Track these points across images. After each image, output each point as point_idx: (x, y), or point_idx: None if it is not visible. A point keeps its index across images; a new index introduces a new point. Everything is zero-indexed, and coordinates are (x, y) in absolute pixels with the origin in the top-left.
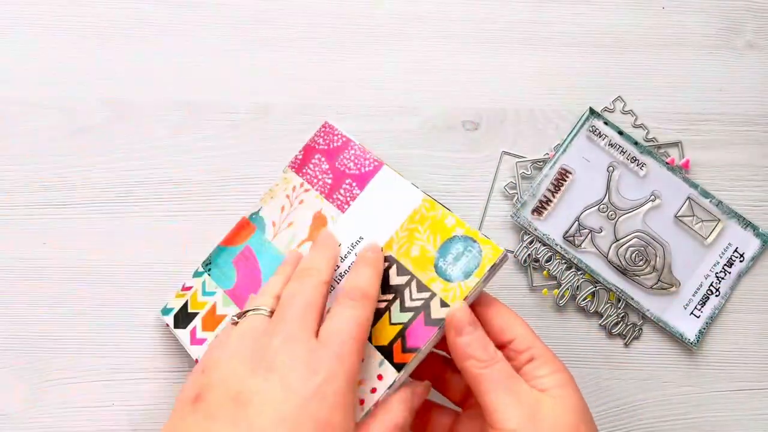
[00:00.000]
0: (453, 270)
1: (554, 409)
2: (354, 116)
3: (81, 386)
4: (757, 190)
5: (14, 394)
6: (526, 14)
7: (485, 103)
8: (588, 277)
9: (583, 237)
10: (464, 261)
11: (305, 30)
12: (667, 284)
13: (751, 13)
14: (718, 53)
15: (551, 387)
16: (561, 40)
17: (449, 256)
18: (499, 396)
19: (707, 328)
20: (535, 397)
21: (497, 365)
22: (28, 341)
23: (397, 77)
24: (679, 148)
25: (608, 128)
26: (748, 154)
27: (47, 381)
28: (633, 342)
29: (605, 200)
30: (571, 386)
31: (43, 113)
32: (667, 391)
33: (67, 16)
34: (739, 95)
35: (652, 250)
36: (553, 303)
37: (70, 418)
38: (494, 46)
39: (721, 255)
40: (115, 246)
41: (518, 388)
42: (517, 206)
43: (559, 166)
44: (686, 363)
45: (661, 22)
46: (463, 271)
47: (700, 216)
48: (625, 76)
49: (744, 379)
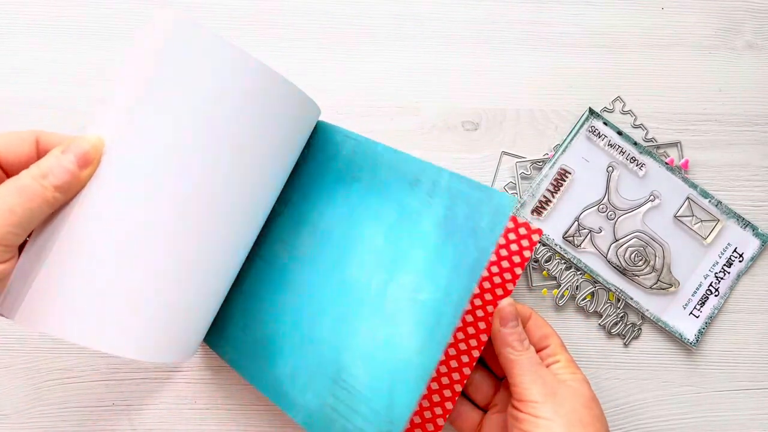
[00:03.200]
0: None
1: (570, 392)
2: (354, 116)
3: (81, 386)
4: (757, 190)
5: (15, 393)
6: (526, 14)
7: (485, 103)
8: (587, 277)
9: (583, 237)
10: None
11: (305, 30)
12: (667, 284)
13: (750, 13)
14: (717, 53)
15: (569, 380)
16: (561, 40)
17: None
18: (527, 377)
19: (706, 327)
20: (556, 381)
21: (528, 353)
22: (28, 341)
23: (396, 77)
24: (679, 148)
25: (608, 128)
26: (748, 155)
27: (47, 381)
28: (632, 342)
29: (605, 200)
30: (586, 383)
31: (44, 113)
32: (667, 391)
33: (66, 17)
34: (738, 95)
35: (651, 250)
36: (552, 303)
37: (70, 417)
38: (494, 46)
39: (720, 255)
40: None
41: (543, 373)
42: (517, 206)
43: (559, 166)
44: (685, 363)
45: (660, 23)
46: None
47: (700, 216)
48: (624, 77)
49: (743, 378)
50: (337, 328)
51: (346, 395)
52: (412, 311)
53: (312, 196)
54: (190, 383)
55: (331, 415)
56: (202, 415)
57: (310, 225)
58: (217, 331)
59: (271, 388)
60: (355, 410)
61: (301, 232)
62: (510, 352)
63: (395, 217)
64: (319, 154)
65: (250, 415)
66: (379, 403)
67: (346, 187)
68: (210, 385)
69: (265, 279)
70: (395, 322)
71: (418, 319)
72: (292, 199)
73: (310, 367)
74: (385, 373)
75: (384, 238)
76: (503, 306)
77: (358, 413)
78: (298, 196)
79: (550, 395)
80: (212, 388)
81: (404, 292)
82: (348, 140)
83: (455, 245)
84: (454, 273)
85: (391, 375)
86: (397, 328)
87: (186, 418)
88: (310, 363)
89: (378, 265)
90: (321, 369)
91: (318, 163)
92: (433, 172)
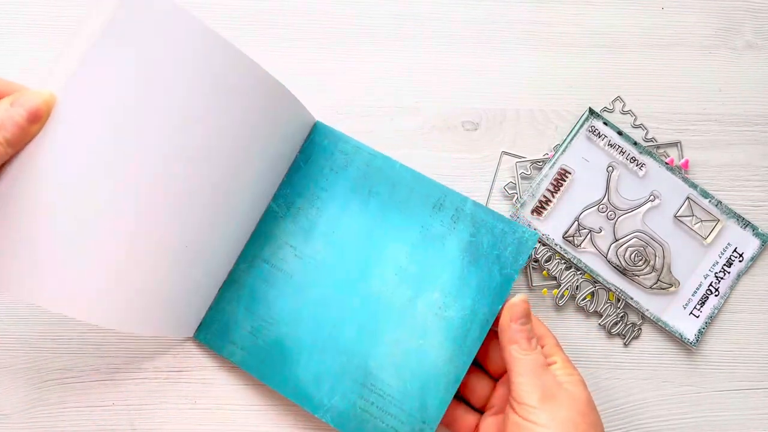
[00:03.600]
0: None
1: (568, 397)
2: (354, 116)
3: (81, 386)
4: (757, 190)
5: (15, 393)
6: (526, 14)
7: (485, 103)
8: (587, 277)
9: (583, 237)
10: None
11: (305, 30)
12: (667, 284)
13: (750, 13)
14: (717, 53)
15: (566, 383)
16: (561, 40)
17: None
18: (528, 378)
19: (706, 327)
20: (556, 385)
21: (534, 354)
22: (28, 341)
23: (396, 77)
24: (679, 148)
25: (608, 128)
26: (748, 154)
27: (47, 381)
28: (632, 342)
29: (605, 200)
30: (582, 385)
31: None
32: (667, 391)
33: (66, 17)
34: (738, 95)
35: (651, 250)
36: (552, 303)
37: (70, 418)
38: (494, 46)
39: (720, 255)
40: None
41: (544, 377)
42: (517, 206)
43: (559, 166)
44: (685, 363)
45: (660, 23)
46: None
47: (700, 216)
48: (624, 76)
49: (743, 378)
50: (362, 337)
51: (377, 398)
52: (440, 326)
53: (320, 204)
54: (190, 383)
55: (363, 416)
56: (202, 415)
57: (323, 233)
58: (219, 333)
59: (293, 390)
60: (387, 412)
61: (313, 240)
62: (516, 350)
63: (418, 237)
64: (325, 161)
65: (250, 415)
66: (411, 405)
67: (363, 201)
68: (210, 385)
69: (273, 283)
70: (425, 335)
71: (446, 333)
72: (295, 203)
73: (335, 372)
74: (416, 379)
75: (408, 256)
76: (516, 302)
77: (391, 414)
78: (303, 200)
79: (548, 400)
80: (212, 388)
81: (432, 308)
82: (360, 152)
83: (480, 270)
84: (480, 295)
85: (422, 381)
86: (427, 340)
87: (186, 418)
88: (336, 368)
89: (402, 281)
90: (348, 374)
91: (324, 170)
92: (457, 198)
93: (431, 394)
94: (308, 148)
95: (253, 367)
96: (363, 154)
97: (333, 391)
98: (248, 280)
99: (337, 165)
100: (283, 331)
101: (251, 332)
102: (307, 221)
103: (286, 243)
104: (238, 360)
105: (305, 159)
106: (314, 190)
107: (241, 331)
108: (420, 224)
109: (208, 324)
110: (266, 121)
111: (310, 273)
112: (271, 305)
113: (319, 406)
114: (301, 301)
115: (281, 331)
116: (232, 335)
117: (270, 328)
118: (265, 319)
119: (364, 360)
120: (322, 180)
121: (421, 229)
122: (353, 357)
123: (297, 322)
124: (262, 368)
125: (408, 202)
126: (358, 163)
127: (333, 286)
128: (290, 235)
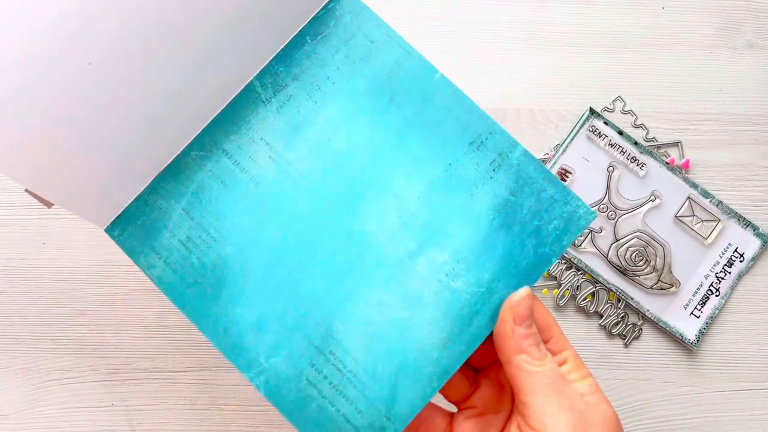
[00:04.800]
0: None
1: (600, 420)
2: None
3: (81, 386)
4: (757, 190)
5: (14, 394)
6: (526, 14)
7: (485, 103)
8: (588, 277)
9: (583, 237)
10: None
11: None
12: (667, 284)
13: (750, 13)
14: (718, 53)
15: (585, 393)
16: (561, 40)
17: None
18: (548, 398)
19: (707, 328)
20: (582, 404)
21: (549, 365)
22: (28, 341)
23: None
24: (679, 148)
25: (608, 128)
26: (748, 154)
27: (47, 381)
28: (633, 342)
29: (605, 200)
30: (600, 392)
31: None
32: (667, 391)
33: None
34: (738, 95)
35: (652, 250)
36: (553, 303)
37: (70, 418)
38: (494, 46)
39: (721, 255)
40: (115, 246)
41: (569, 392)
42: None
43: (559, 166)
44: (686, 363)
45: (661, 22)
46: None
47: (700, 216)
48: (625, 76)
49: (744, 379)
50: (333, 288)
51: (333, 372)
52: (440, 298)
53: (320, 97)
54: (190, 383)
55: (307, 391)
56: (202, 415)
57: (314, 137)
58: (140, 234)
59: (222, 334)
60: (343, 393)
61: (299, 142)
62: (526, 362)
63: (441, 176)
64: (341, 43)
65: (251, 415)
66: (376, 392)
67: (380, 110)
68: (210, 385)
69: (231, 185)
70: (418, 305)
71: (446, 309)
72: (286, 88)
73: (286, 324)
74: (392, 360)
75: (420, 198)
76: (520, 298)
77: (346, 398)
78: (298, 87)
79: (579, 426)
80: (212, 388)
81: (435, 272)
82: (392, 43)
83: (511, 239)
84: (502, 272)
85: (399, 364)
86: (418, 312)
87: (186, 418)
88: (288, 319)
89: (405, 228)
90: (302, 330)
91: (337, 55)
92: (504, 140)
93: (407, 384)
94: (321, 20)
95: (176, 290)
96: (394, 48)
97: (276, 347)
98: (197, 174)
99: (356, 53)
100: (228, 252)
101: (184, 243)
102: (298, 116)
103: (261, 138)
104: (156, 276)
105: (314, 33)
106: (316, 78)
107: (170, 239)
108: (448, 160)
109: (128, 218)
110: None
111: (285, 186)
112: (220, 214)
113: (252, 363)
114: (263, 219)
115: (225, 251)
116: (158, 241)
117: (212, 244)
118: (208, 230)
119: (329, 318)
120: (331, 67)
121: (448, 167)
122: (315, 310)
123: (250, 245)
124: (187, 295)
125: (439, 126)
126: (386, 58)
127: (311, 210)
128: (270, 129)
